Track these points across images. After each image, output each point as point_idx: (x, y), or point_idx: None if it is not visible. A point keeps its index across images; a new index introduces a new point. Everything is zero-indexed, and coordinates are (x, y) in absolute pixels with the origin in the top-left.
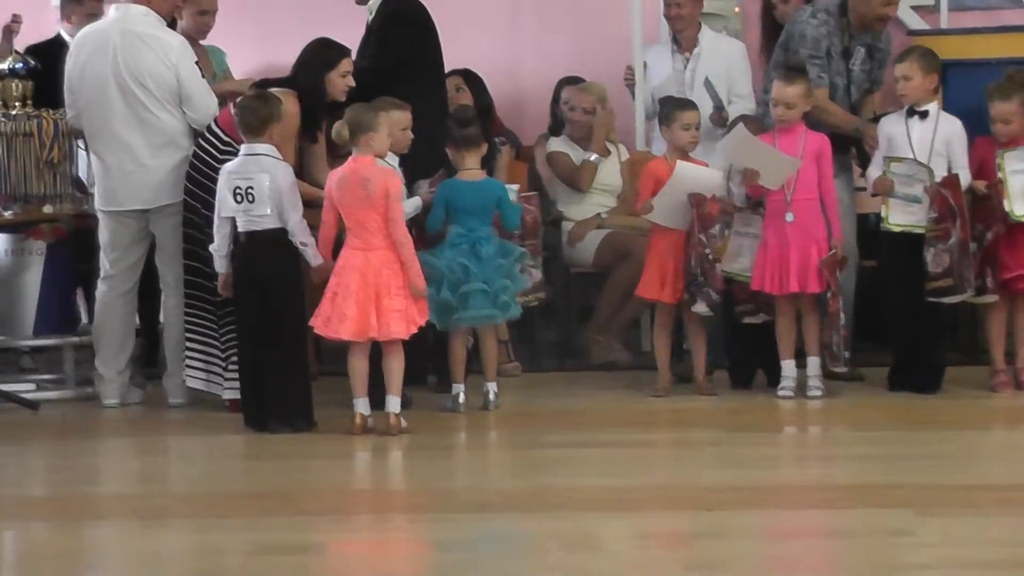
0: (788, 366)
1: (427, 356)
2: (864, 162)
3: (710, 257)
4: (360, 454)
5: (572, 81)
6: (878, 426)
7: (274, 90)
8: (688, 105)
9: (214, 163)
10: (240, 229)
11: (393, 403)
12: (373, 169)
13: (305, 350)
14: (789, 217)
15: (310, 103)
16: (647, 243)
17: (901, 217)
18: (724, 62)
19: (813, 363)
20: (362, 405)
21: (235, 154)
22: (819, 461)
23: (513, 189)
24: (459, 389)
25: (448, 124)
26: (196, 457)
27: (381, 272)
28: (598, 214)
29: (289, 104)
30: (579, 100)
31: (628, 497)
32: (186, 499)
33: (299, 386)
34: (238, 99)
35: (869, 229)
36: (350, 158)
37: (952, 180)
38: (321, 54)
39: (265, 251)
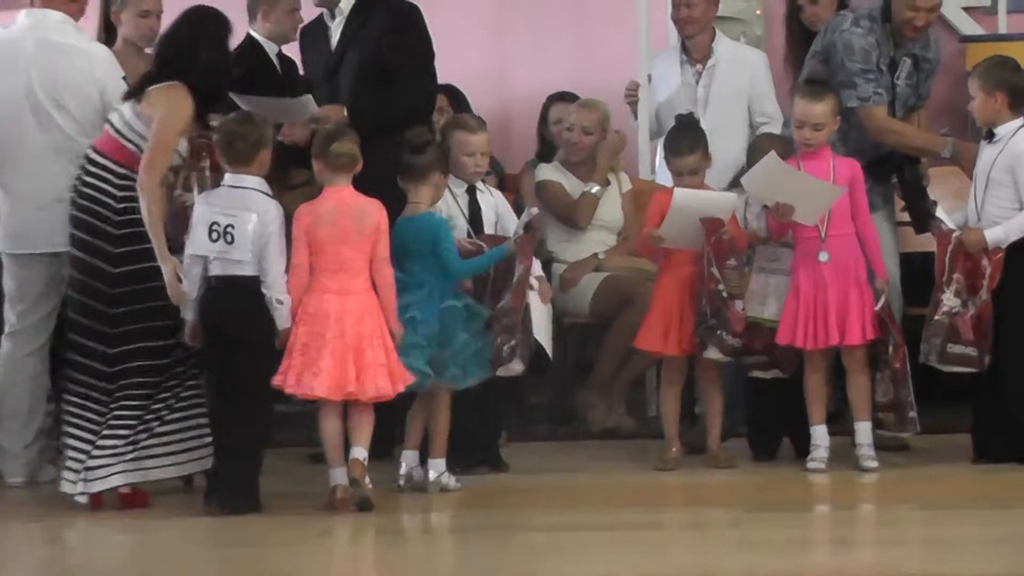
0: (820, 433)
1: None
2: (911, 195)
3: (724, 294)
4: (319, 539)
5: (564, 98)
6: (940, 503)
7: (160, 86)
8: (683, 147)
9: (111, 202)
10: (211, 272)
11: (360, 452)
12: (364, 201)
13: (271, 419)
14: (823, 257)
15: (208, 93)
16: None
17: None
18: (745, 76)
19: (864, 429)
20: (340, 476)
21: (135, 194)
22: (862, 545)
23: (532, 213)
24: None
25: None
26: (115, 548)
27: (363, 320)
28: (595, 254)
29: (180, 97)
30: (580, 118)
31: None
32: None
33: (252, 461)
34: (220, 122)
35: (915, 269)
36: (328, 188)
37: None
38: (209, 27)
39: (238, 301)
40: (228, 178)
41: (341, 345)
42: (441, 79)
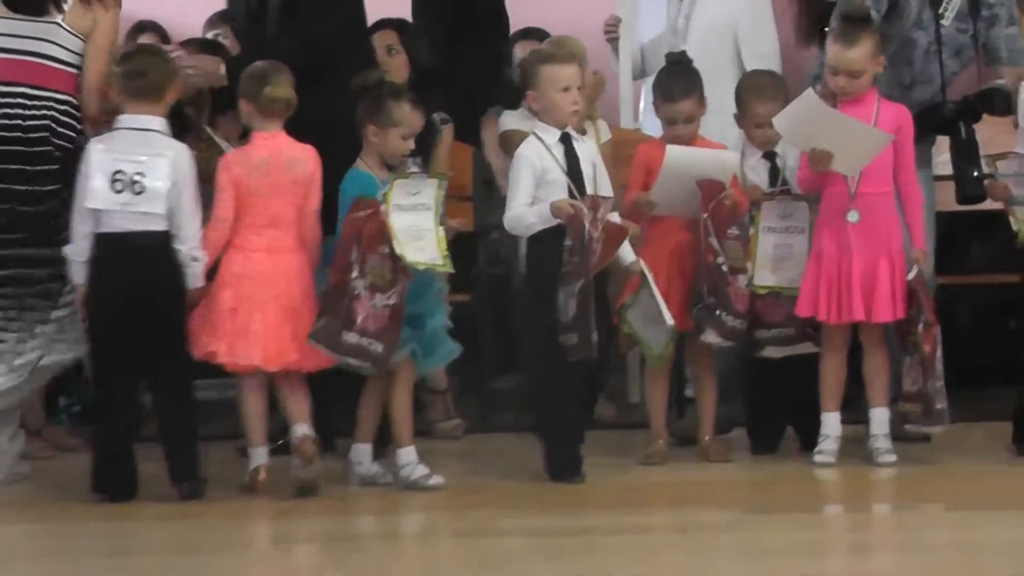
0: (831, 422)
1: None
2: (963, 159)
3: (724, 268)
4: (260, 546)
5: (530, 35)
6: (969, 502)
7: None
8: (676, 92)
9: (53, 139)
10: (107, 229)
11: (306, 428)
12: (299, 149)
13: (192, 392)
14: (853, 217)
15: None
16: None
17: None
18: (732, 4)
19: (880, 417)
20: (262, 455)
21: (76, 122)
22: (875, 551)
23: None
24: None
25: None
26: (25, 554)
27: (299, 281)
28: None
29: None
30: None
31: None
32: None
33: (189, 436)
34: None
35: (941, 231)
36: (258, 134)
37: None
38: None
39: (148, 262)
40: (127, 119)
41: (276, 309)
42: (391, 12)
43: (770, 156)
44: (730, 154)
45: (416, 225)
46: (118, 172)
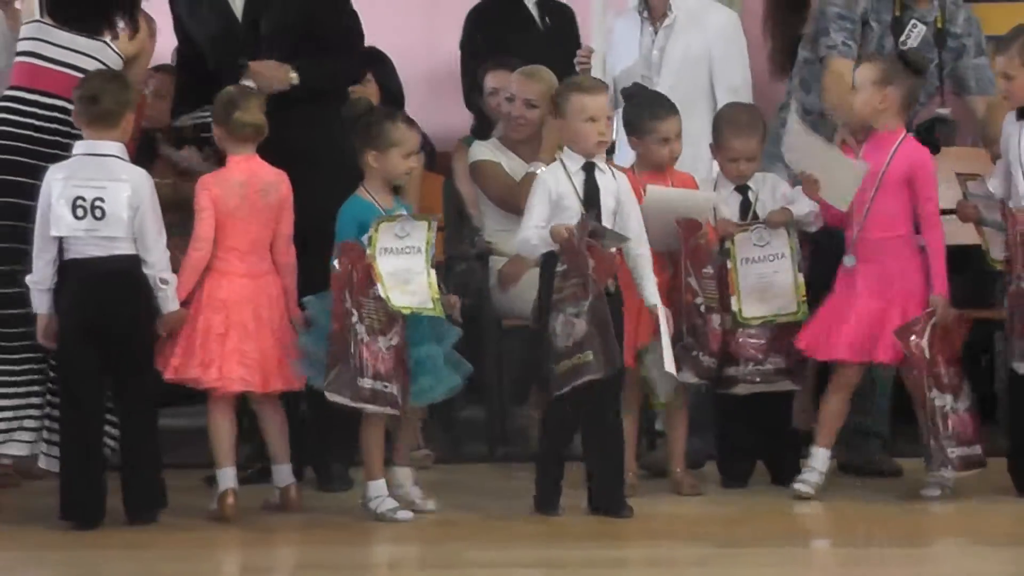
0: (821, 456)
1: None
2: None
3: (701, 308)
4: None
5: (502, 65)
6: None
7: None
8: (665, 110)
9: (36, 135)
10: (72, 256)
11: (286, 473)
12: (272, 173)
13: (156, 419)
14: (848, 262)
15: None
16: None
17: (1000, 251)
18: (706, 37)
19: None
20: (230, 478)
21: (62, 124)
22: None
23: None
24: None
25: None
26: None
27: (279, 305)
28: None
29: None
30: (522, 89)
31: None
32: None
33: (151, 464)
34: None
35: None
36: (232, 157)
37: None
38: None
39: (112, 288)
40: (83, 145)
41: (263, 334)
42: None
43: (742, 190)
44: (708, 194)
45: (405, 268)
46: (79, 199)
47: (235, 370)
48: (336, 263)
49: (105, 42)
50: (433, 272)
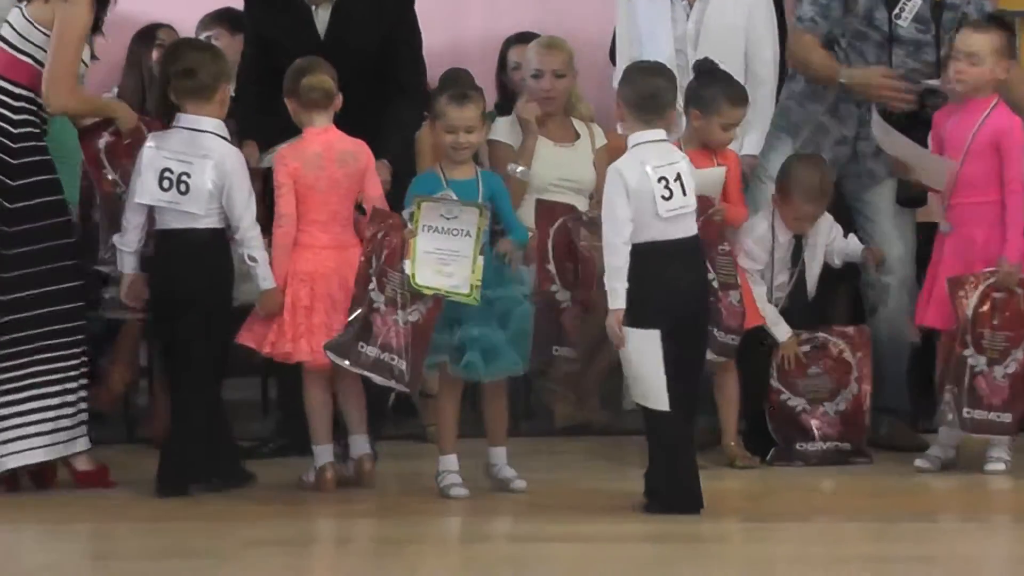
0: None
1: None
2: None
3: (715, 284)
4: (250, 550)
5: (524, 40)
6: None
7: None
8: (741, 99)
9: (8, 127)
10: (159, 226)
11: (362, 443)
12: (350, 143)
13: (210, 393)
14: (944, 228)
15: None
16: None
17: None
18: (743, 9)
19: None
20: (326, 453)
21: (34, 119)
22: (868, 563)
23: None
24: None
25: None
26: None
27: None
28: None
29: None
30: (547, 61)
31: None
32: None
33: (196, 437)
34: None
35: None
36: (308, 129)
37: None
38: None
39: (192, 259)
40: (183, 119)
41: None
42: None
43: (797, 236)
44: (717, 170)
45: (451, 249)
46: (166, 170)
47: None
48: (366, 229)
49: (19, 7)
50: (481, 259)
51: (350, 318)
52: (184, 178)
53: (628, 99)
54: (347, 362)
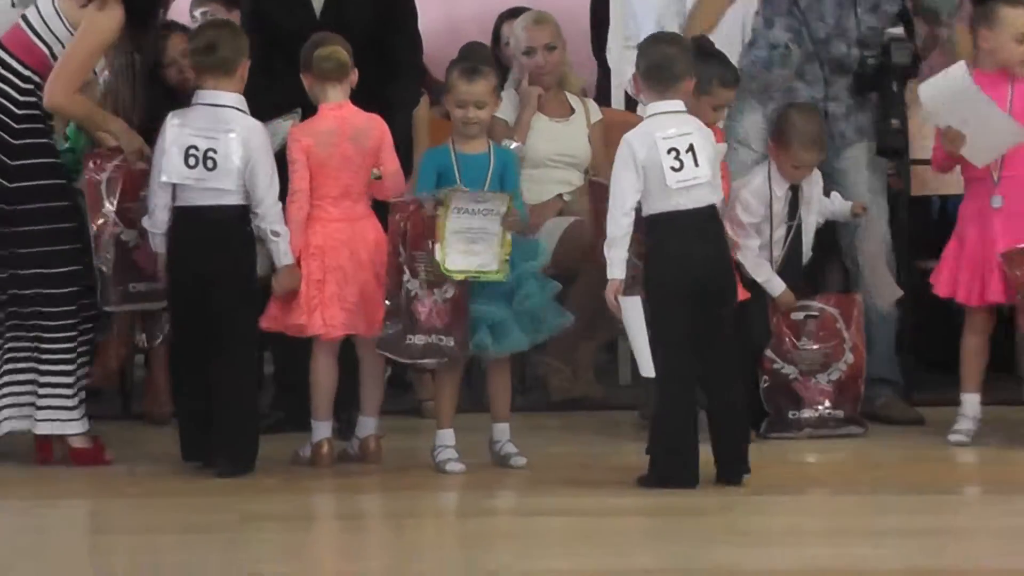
0: (971, 402)
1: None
2: (888, 107)
3: None
4: (249, 526)
5: (517, 15)
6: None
7: None
8: (733, 80)
9: (12, 107)
10: (181, 203)
11: (371, 424)
12: (364, 118)
13: (256, 368)
14: (996, 202)
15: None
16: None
17: None
18: None
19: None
20: (325, 428)
21: (38, 102)
22: (865, 536)
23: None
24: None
25: None
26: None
27: (380, 248)
28: (559, 195)
29: (112, 10)
30: (537, 36)
31: None
32: None
33: (249, 415)
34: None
35: (934, 219)
36: (323, 105)
37: None
38: None
39: (219, 237)
40: (203, 95)
41: (365, 276)
42: None
43: (794, 187)
44: (719, 147)
45: (480, 227)
46: (191, 147)
47: (337, 315)
48: (389, 221)
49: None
50: (509, 237)
51: (389, 308)
52: (211, 154)
53: (642, 69)
54: (402, 358)
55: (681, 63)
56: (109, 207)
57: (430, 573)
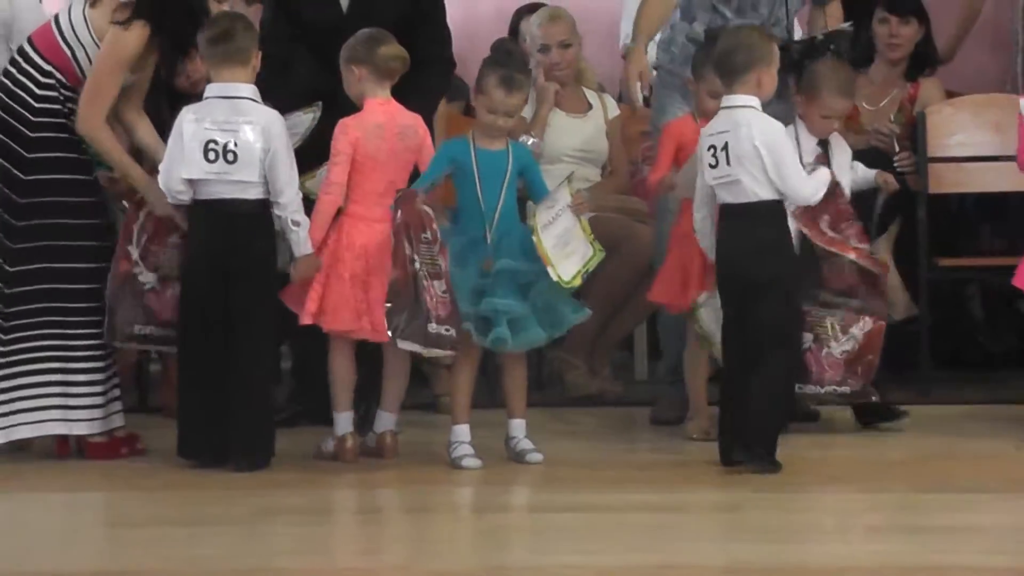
0: None
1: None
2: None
3: None
4: (259, 518)
5: (535, 10)
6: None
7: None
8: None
9: (30, 100)
10: (201, 197)
11: (389, 420)
12: (409, 116)
13: (273, 362)
14: None
15: (173, 25)
16: (664, 235)
17: None
18: None
19: None
20: (347, 422)
21: (57, 96)
22: (878, 533)
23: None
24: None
25: None
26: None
27: None
28: (567, 177)
29: (133, 32)
30: (553, 33)
31: None
32: None
33: (266, 409)
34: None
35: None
36: (371, 100)
37: None
38: None
39: (241, 230)
40: (215, 88)
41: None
42: None
43: (822, 143)
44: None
45: (564, 230)
46: (211, 142)
47: (382, 319)
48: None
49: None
50: (583, 218)
51: (392, 298)
52: (231, 147)
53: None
54: (430, 347)
55: (739, 55)
56: (135, 247)
57: (445, 568)
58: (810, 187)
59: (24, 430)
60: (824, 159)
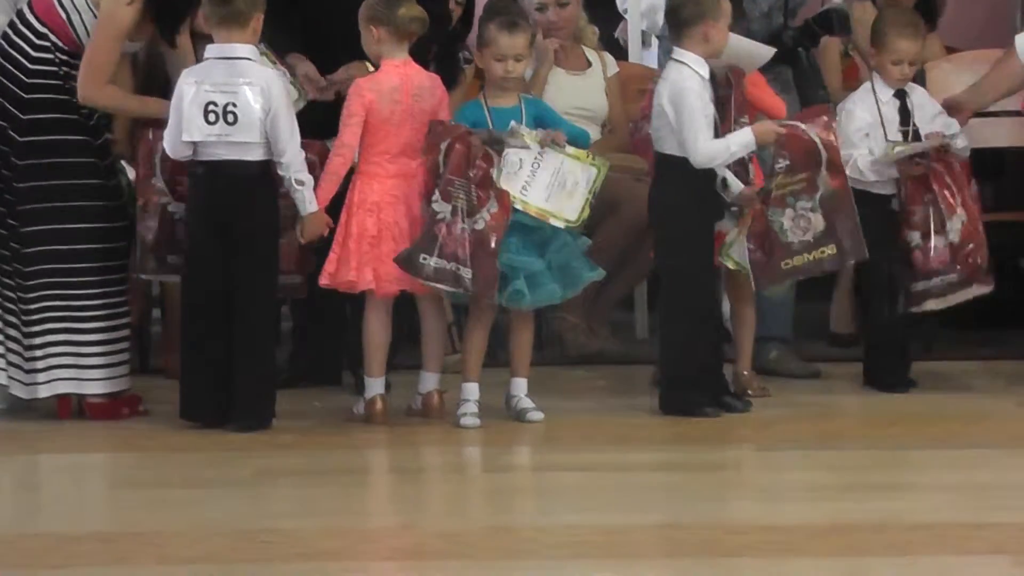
0: None
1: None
2: (808, 81)
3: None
4: (263, 479)
5: None
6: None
7: None
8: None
9: (25, 62)
10: (203, 158)
11: (432, 380)
12: (426, 77)
13: (269, 327)
14: None
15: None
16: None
17: None
18: None
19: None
20: (378, 385)
21: (52, 59)
22: (882, 491)
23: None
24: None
25: None
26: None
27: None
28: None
29: (128, 8)
30: None
31: (617, 541)
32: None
33: (268, 370)
34: None
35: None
36: (388, 61)
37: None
38: None
39: (243, 192)
40: (214, 49)
41: (419, 231)
42: None
43: (900, 94)
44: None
45: (553, 172)
46: (211, 103)
47: (391, 271)
48: (426, 144)
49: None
50: (567, 148)
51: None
52: (231, 108)
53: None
54: (412, 274)
55: (689, 7)
56: (160, 177)
57: (444, 529)
58: (709, 150)
59: (43, 389)
60: (903, 108)
